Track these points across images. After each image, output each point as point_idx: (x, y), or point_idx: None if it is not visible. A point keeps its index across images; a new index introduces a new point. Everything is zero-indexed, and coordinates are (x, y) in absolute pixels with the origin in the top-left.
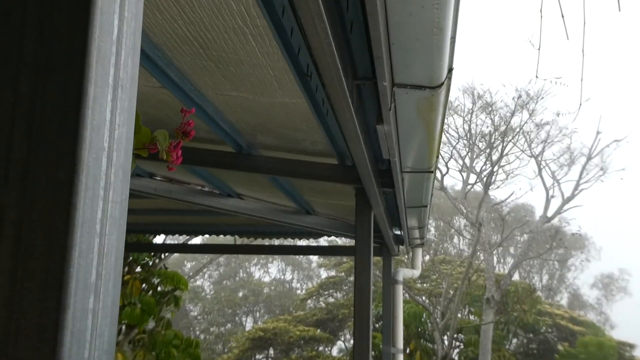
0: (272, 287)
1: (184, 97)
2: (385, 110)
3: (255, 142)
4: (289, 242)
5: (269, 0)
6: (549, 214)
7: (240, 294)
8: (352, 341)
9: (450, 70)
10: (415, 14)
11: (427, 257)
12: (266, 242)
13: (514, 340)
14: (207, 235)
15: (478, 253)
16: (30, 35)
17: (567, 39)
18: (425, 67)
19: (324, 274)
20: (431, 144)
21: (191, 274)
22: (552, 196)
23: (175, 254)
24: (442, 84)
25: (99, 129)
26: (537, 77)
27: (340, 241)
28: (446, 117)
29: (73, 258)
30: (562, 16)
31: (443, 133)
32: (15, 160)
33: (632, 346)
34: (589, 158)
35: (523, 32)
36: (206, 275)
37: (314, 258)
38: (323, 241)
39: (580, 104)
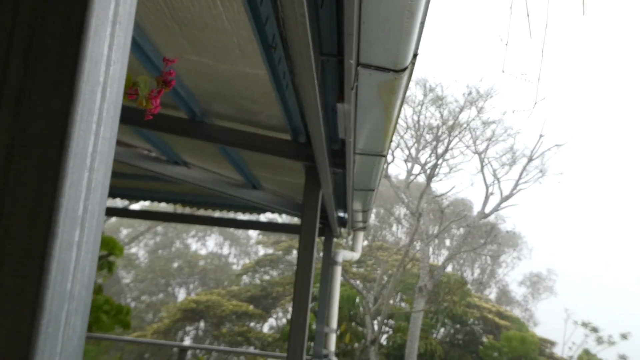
0: (209, 260)
1: (142, 57)
2: (347, 89)
3: (209, 110)
4: (230, 215)
5: None
6: (487, 210)
7: (175, 265)
8: (283, 319)
9: (415, 55)
10: None
11: (365, 243)
12: (208, 213)
13: (442, 330)
14: (147, 202)
15: (415, 242)
16: None
17: (531, 37)
18: (391, 49)
19: (261, 251)
20: (387, 128)
21: (126, 240)
22: (491, 193)
23: (112, 219)
24: (406, 68)
25: (97, 62)
26: (503, 71)
27: (280, 219)
28: None
29: (64, 188)
30: (527, 15)
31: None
32: (10, 83)
33: (552, 343)
34: (530, 159)
35: (479, 29)
36: (142, 244)
37: (253, 234)
38: (263, 218)
39: (536, 102)
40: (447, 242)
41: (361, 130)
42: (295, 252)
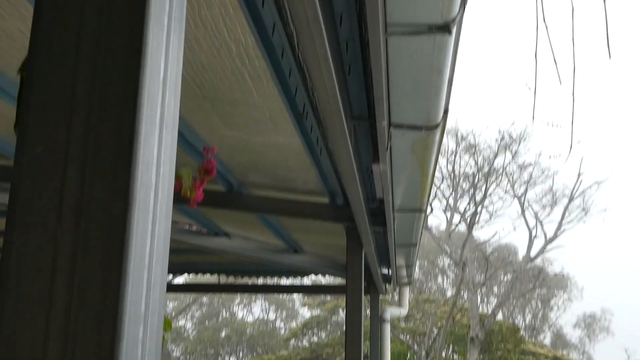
0: (256, 327)
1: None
2: (382, 150)
3: (246, 181)
4: (274, 281)
5: (269, 43)
6: (532, 254)
7: (223, 334)
8: None
9: (446, 111)
10: (415, 57)
11: (411, 296)
12: (252, 280)
13: None
14: (191, 275)
15: (462, 292)
16: (84, 76)
17: (560, 83)
18: (422, 108)
19: (307, 313)
20: (424, 184)
21: (173, 314)
22: (535, 236)
23: None
24: (438, 124)
25: (148, 166)
26: (533, 119)
27: (324, 280)
28: None
29: (127, 290)
30: (555, 62)
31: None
32: (68, 194)
33: None
34: (571, 199)
35: (508, 74)
36: (188, 316)
37: (297, 297)
38: (307, 280)
39: (571, 147)
40: (495, 289)
41: (398, 188)
42: (341, 311)
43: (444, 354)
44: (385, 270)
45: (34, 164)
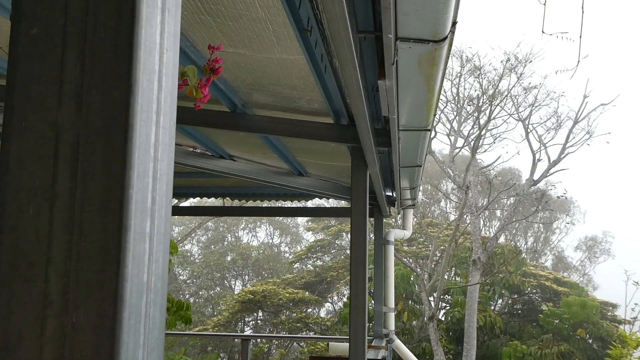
0: (261, 251)
1: (180, 53)
2: (388, 65)
3: (250, 100)
4: (279, 204)
5: None
6: (535, 177)
7: (229, 258)
8: (339, 303)
9: (454, 23)
10: None
11: (414, 220)
12: (257, 204)
13: (500, 301)
14: (196, 199)
15: (465, 216)
16: None
17: None
18: (430, 19)
19: (311, 237)
20: (430, 101)
21: (179, 238)
22: (539, 160)
23: None
24: (446, 37)
25: (151, 51)
26: (543, 32)
27: (328, 204)
28: None
29: (132, 180)
30: None
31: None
32: (68, 80)
33: (614, 306)
34: (576, 122)
35: None
36: (194, 241)
37: (302, 222)
38: (311, 204)
39: (579, 61)
40: (498, 213)
41: (404, 105)
42: (345, 235)
43: (446, 277)
44: (389, 193)
45: (30, 47)
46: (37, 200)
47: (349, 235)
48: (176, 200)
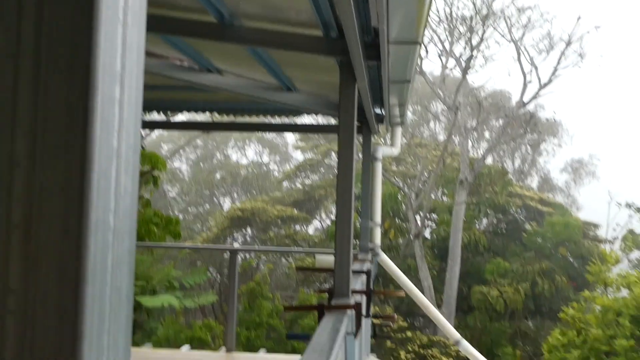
0: (250, 169)
1: None
2: None
3: (237, 11)
4: (267, 120)
5: None
6: (525, 99)
7: (218, 176)
8: (327, 221)
9: None
10: None
11: (403, 141)
12: (245, 120)
13: (485, 220)
14: (184, 115)
15: (453, 137)
16: None
17: None
18: None
19: (300, 156)
20: (420, 11)
21: (168, 155)
22: (529, 81)
23: (152, 136)
24: None
25: None
26: None
27: (317, 122)
28: None
29: (99, 41)
30: None
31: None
32: None
33: (596, 226)
34: (568, 43)
35: None
36: (183, 158)
37: (291, 141)
38: (300, 121)
39: None
40: (487, 134)
41: (394, 16)
42: (333, 154)
43: (433, 196)
44: (378, 110)
45: None
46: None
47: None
48: (164, 117)
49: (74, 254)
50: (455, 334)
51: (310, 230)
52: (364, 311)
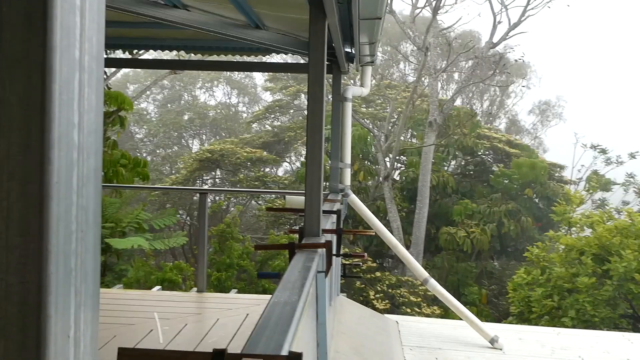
0: (218, 111)
1: None
2: None
3: None
4: (237, 59)
5: None
6: (495, 40)
7: (186, 117)
8: (297, 163)
9: None
10: None
11: (373, 82)
12: (213, 58)
13: (453, 162)
14: (150, 53)
15: (423, 78)
16: None
17: None
18: None
19: (269, 97)
20: None
21: (134, 95)
22: (499, 22)
23: (118, 76)
24: None
25: None
26: None
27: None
28: None
29: None
30: None
31: None
32: None
33: (561, 167)
34: None
35: None
36: (150, 99)
37: (259, 82)
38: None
39: None
40: (456, 76)
41: None
42: (303, 96)
43: (402, 138)
44: (348, 49)
45: None
46: None
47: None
48: (130, 56)
49: (37, 170)
50: (424, 273)
51: (280, 172)
52: (334, 250)
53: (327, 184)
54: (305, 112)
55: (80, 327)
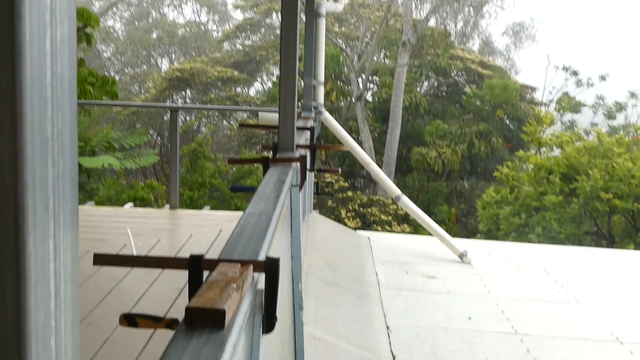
0: (188, 29)
1: None
2: None
3: None
4: None
5: None
6: None
7: (154, 35)
8: (269, 83)
9: None
10: None
11: (346, 1)
12: None
13: (426, 83)
14: None
15: None
16: None
17: None
18: None
19: (240, 15)
20: None
21: (100, 12)
22: None
23: None
24: None
25: None
26: None
27: None
28: None
29: None
30: None
31: None
32: None
33: (533, 89)
34: None
35: None
36: (117, 16)
37: (230, 0)
38: None
39: None
40: None
41: None
42: (275, 15)
43: (375, 58)
44: None
45: None
46: None
47: (279, 14)
48: None
49: (8, 30)
50: (396, 190)
51: (252, 92)
52: (308, 165)
53: (301, 102)
54: (278, 31)
55: (58, 200)
